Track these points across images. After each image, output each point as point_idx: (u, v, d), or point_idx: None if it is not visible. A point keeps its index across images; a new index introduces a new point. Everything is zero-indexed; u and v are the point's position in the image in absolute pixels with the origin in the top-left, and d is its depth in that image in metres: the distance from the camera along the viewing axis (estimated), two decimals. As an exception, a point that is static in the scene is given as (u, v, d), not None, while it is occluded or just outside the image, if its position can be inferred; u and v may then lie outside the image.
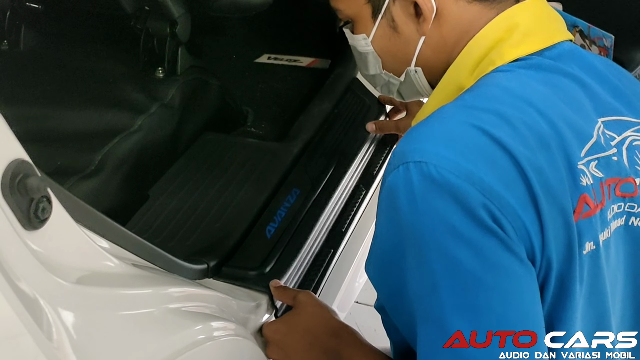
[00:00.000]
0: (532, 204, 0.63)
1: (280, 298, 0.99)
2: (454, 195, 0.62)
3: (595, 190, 0.68)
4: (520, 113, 0.67)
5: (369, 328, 1.17)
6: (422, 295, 0.65)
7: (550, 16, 0.79)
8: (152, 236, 1.08)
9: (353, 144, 1.36)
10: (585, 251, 0.67)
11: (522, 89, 0.70)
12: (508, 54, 0.74)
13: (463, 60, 0.77)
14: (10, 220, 0.53)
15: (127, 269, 0.70)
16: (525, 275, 0.63)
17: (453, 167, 0.62)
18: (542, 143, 0.66)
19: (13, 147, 0.54)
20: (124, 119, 1.25)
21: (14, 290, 0.50)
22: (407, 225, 0.65)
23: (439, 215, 0.62)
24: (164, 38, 1.37)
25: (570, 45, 0.78)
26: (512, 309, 0.63)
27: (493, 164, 0.63)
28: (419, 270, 0.65)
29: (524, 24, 0.75)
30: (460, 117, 0.67)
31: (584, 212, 0.67)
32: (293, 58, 1.76)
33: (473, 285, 0.62)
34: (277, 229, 1.12)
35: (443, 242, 0.62)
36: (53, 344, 0.52)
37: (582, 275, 0.67)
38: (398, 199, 0.65)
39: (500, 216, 0.62)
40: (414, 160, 0.64)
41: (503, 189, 0.63)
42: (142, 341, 0.66)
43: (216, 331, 0.79)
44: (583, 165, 0.68)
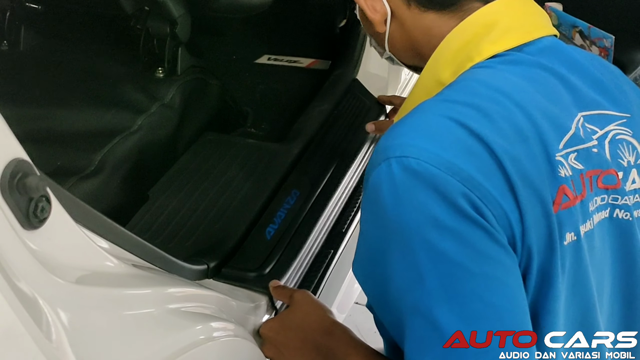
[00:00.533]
0: (510, 192, 0.64)
1: (278, 297, 0.99)
2: (435, 186, 0.63)
3: (574, 182, 0.69)
4: (498, 106, 0.68)
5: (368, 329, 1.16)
6: (409, 289, 0.65)
7: (531, 12, 0.80)
8: (152, 237, 1.08)
9: (353, 145, 1.36)
10: (566, 242, 0.68)
11: (500, 83, 0.71)
12: (486, 50, 0.75)
13: (439, 55, 0.79)
14: (9, 220, 0.52)
15: (126, 269, 0.70)
16: (509, 262, 0.64)
17: (433, 158, 0.64)
18: (520, 135, 0.67)
19: (12, 146, 0.54)
20: (124, 119, 1.25)
21: (13, 290, 0.49)
22: (391, 219, 0.65)
23: (422, 207, 0.63)
24: (164, 38, 1.37)
25: (552, 41, 0.78)
26: (500, 296, 0.63)
27: (471, 155, 0.65)
28: (404, 263, 0.65)
29: (503, 21, 0.76)
30: (438, 111, 0.68)
31: (563, 203, 0.68)
32: (293, 59, 1.76)
33: (458, 274, 0.63)
34: (277, 230, 1.11)
35: (427, 234, 0.63)
36: (52, 344, 0.52)
37: (563, 265, 0.68)
38: (381, 195, 0.66)
39: (481, 205, 0.63)
40: (395, 155, 0.65)
41: (482, 178, 0.64)
42: (142, 341, 0.66)
43: (216, 331, 0.79)
44: (561, 157, 0.69)
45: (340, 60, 1.58)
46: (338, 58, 1.60)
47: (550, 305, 0.67)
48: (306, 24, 1.82)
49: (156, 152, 1.26)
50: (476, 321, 0.62)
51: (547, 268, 0.67)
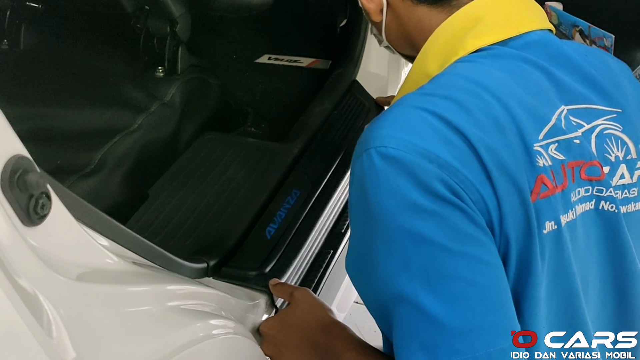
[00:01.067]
0: (487, 180, 0.66)
1: (278, 294, 0.99)
2: (412, 172, 0.64)
3: (554, 172, 0.70)
4: (475, 98, 0.70)
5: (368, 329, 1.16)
6: (393, 276, 0.66)
7: (521, 7, 0.80)
8: (151, 235, 1.08)
9: (353, 145, 1.35)
10: (545, 230, 0.68)
11: (479, 75, 0.72)
12: (470, 45, 0.77)
13: (428, 48, 0.81)
14: (9, 216, 0.52)
15: (126, 267, 0.70)
16: (489, 241, 0.65)
17: (410, 147, 0.65)
18: (497, 126, 0.68)
19: (12, 143, 0.54)
20: (124, 117, 1.25)
21: (13, 286, 0.49)
22: (373, 206, 0.67)
23: (400, 192, 0.65)
24: (164, 37, 1.37)
25: (541, 35, 0.79)
26: (482, 275, 0.64)
27: (448, 144, 0.66)
28: (388, 251, 0.66)
29: (489, 16, 0.77)
30: (416, 104, 0.70)
31: (542, 192, 0.68)
32: (293, 58, 1.76)
33: (439, 255, 0.64)
34: (277, 229, 1.12)
35: (406, 218, 0.64)
36: (53, 341, 0.52)
37: (543, 253, 0.68)
38: (364, 184, 0.67)
39: (459, 189, 0.64)
40: (374, 145, 0.67)
41: (459, 165, 0.65)
42: (142, 338, 0.66)
43: (215, 329, 0.79)
44: (540, 147, 0.70)
45: (340, 60, 1.58)
46: (338, 58, 1.60)
47: (530, 292, 0.68)
48: (307, 24, 1.82)
49: (156, 151, 1.26)
50: (459, 301, 0.63)
51: (526, 255, 0.67)
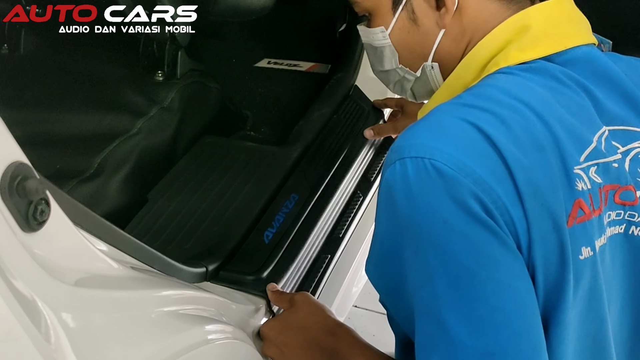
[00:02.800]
0: (519, 202, 0.64)
1: (277, 302, 0.99)
2: (446, 187, 0.63)
3: (592, 196, 0.68)
4: (516, 114, 0.68)
5: (367, 333, 1.17)
6: (419, 289, 0.66)
7: (569, 19, 0.78)
8: (150, 239, 1.09)
9: (352, 150, 1.36)
10: (582, 256, 0.67)
11: (521, 91, 0.70)
12: (513, 57, 0.75)
13: (471, 60, 0.78)
14: (8, 223, 0.53)
15: (125, 272, 0.70)
16: (518, 266, 0.64)
17: (446, 159, 0.64)
18: (537, 145, 0.67)
19: (12, 149, 0.54)
20: (124, 122, 1.25)
21: (12, 292, 0.50)
22: (404, 218, 0.66)
23: (432, 208, 0.64)
24: (164, 42, 1.37)
25: (586, 51, 0.76)
26: (507, 300, 0.63)
27: (484, 159, 0.65)
28: (415, 263, 0.66)
29: (536, 27, 0.75)
30: (455, 113, 0.68)
31: (578, 217, 0.67)
32: (293, 62, 1.76)
33: (466, 278, 0.63)
34: (275, 234, 1.12)
35: (437, 235, 0.64)
36: (51, 346, 0.52)
37: (578, 279, 0.67)
38: (395, 194, 0.66)
39: (492, 208, 0.63)
40: (410, 155, 0.65)
41: (494, 182, 0.64)
42: (140, 343, 0.66)
43: (214, 334, 0.79)
44: (581, 170, 0.68)
45: (340, 64, 1.58)
46: (338, 62, 1.60)
47: (559, 317, 0.67)
48: (306, 28, 1.83)
49: (155, 155, 1.27)
50: (483, 325, 0.62)
51: (557, 281, 0.66)
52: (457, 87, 0.79)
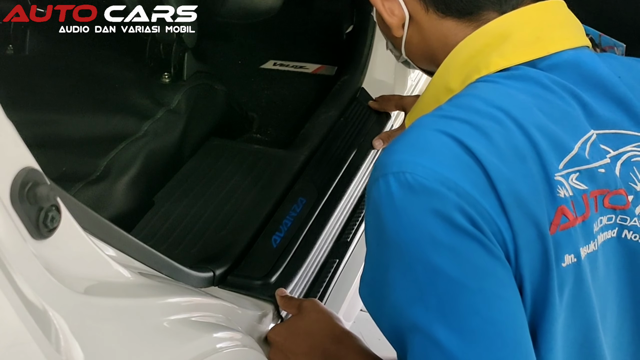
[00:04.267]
0: (502, 212, 0.64)
1: (285, 308, 0.98)
2: (430, 201, 0.63)
3: (575, 203, 0.68)
4: (496, 124, 0.67)
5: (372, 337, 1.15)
6: (408, 305, 0.65)
7: (554, 22, 0.77)
8: (157, 243, 1.08)
9: (358, 153, 1.36)
10: (564, 264, 0.67)
11: (501, 99, 0.70)
12: (494, 64, 0.74)
13: (450, 62, 0.78)
14: (19, 229, 0.52)
15: (134, 278, 0.69)
16: (506, 275, 0.64)
17: (428, 173, 0.64)
18: (518, 155, 0.66)
19: (23, 155, 0.54)
20: (130, 124, 1.25)
21: (22, 301, 0.49)
22: (390, 234, 0.65)
23: (418, 223, 0.63)
24: (171, 43, 1.36)
25: (573, 54, 0.75)
26: (499, 312, 0.63)
27: (466, 172, 0.64)
28: (404, 280, 0.65)
29: (517, 34, 0.74)
30: (435, 126, 0.68)
31: (562, 224, 0.67)
32: (299, 64, 1.76)
33: (456, 291, 0.63)
34: (283, 238, 1.11)
35: (423, 250, 0.63)
36: (61, 356, 0.52)
37: (561, 287, 0.67)
38: (380, 210, 0.66)
39: (478, 219, 0.63)
40: (392, 171, 0.65)
41: (478, 194, 0.63)
42: (151, 353, 0.65)
43: (223, 342, 0.78)
44: (561, 177, 0.68)
45: (346, 67, 1.57)
46: (345, 64, 1.59)
47: (546, 326, 0.66)
48: (312, 30, 1.82)
49: (162, 158, 1.26)
50: (476, 337, 0.62)
51: (543, 289, 0.66)
52: (440, 91, 0.80)
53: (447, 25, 0.79)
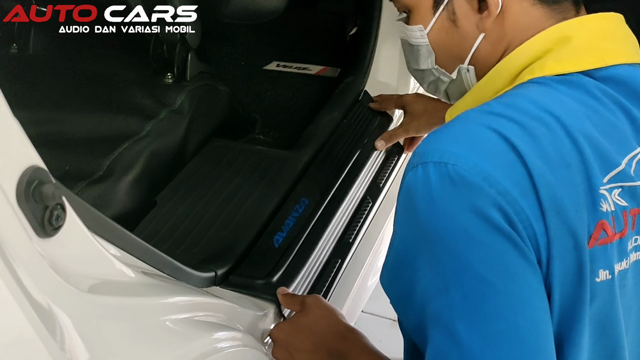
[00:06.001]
0: (541, 217, 0.63)
1: (288, 305, 0.98)
2: (469, 195, 0.62)
3: (615, 218, 0.67)
4: (545, 127, 0.66)
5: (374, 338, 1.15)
6: (433, 297, 0.65)
7: (613, 35, 0.76)
8: (159, 243, 1.08)
9: (361, 155, 1.36)
10: (599, 279, 0.66)
11: (551, 103, 0.68)
12: (549, 68, 0.72)
13: (505, 66, 0.76)
14: (24, 228, 0.52)
15: (137, 278, 0.70)
16: (536, 281, 0.63)
17: (470, 166, 0.63)
18: (563, 161, 0.65)
19: (29, 153, 0.54)
20: (133, 124, 1.25)
21: (27, 298, 0.49)
22: (423, 224, 0.65)
23: (454, 216, 0.62)
24: (174, 44, 1.37)
25: (629, 69, 0.73)
26: (524, 317, 0.62)
27: (509, 170, 0.63)
28: (431, 270, 0.65)
29: (577, 40, 0.73)
30: (482, 121, 0.67)
31: (600, 239, 0.66)
32: (302, 66, 1.76)
33: (483, 290, 0.62)
34: (285, 238, 1.11)
35: (456, 244, 0.62)
36: (65, 354, 0.52)
37: (593, 301, 0.66)
38: (415, 198, 0.65)
39: (515, 219, 0.62)
40: (433, 160, 0.64)
41: (518, 194, 0.62)
42: (154, 352, 0.65)
43: (225, 342, 0.78)
44: (605, 190, 0.67)
45: (350, 68, 1.57)
46: (348, 66, 1.60)
47: (574, 339, 0.66)
48: (316, 32, 1.82)
49: (164, 158, 1.26)
50: (497, 340, 0.61)
51: (573, 300, 0.65)
52: (488, 92, 0.78)
53: (534, 15, 0.76)
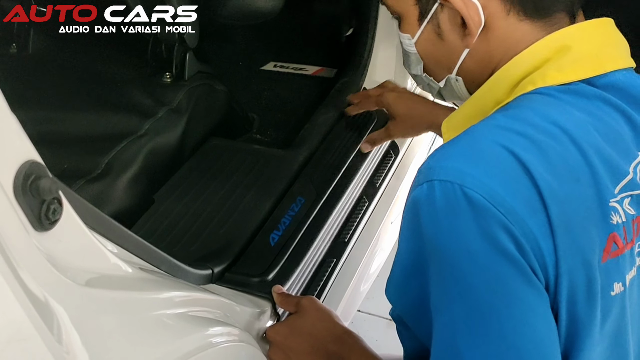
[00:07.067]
0: (550, 235, 0.62)
1: (283, 305, 0.99)
2: (475, 216, 0.61)
3: (626, 229, 0.66)
4: (553, 140, 0.65)
5: (370, 337, 1.16)
6: (438, 312, 0.65)
7: (610, 41, 0.75)
8: (156, 240, 1.09)
9: (357, 155, 1.36)
10: (614, 292, 0.65)
11: (558, 115, 0.67)
12: (551, 78, 0.71)
13: (505, 75, 0.75)
14: (22, 221, 0.53)
15: (134, 273, 0.70)
16: (541, 304, 0.62)
17: (478, 186, 0.61)
18: (572, 175, 0.64)
19: (26, 148, 0.55)
20: (131, 123, 1.26)
21: (24, 291, 0.50)
22: (429, 240, 0.64)
23: (458, 236, 0.61)
24: (173, 43, 1.37)
25: (626, 74, 0.73)
26: (526, 339, 0.61)
27: (518, 187, 0.62)
28: (437, 286, 0.65)
29: (577, 48, 0.72)
30: (490, 137, 0.65)
31: (612, 252, 0.65)
32: (299, 66, 1.77)
33: (486, 312, 0.61)
34: (281, 236, 1.12)
35: (459, 265, 0.62)
36: (62, 347, 0.53)
37: (606, 316, 0.65)
38: (421, 216, 0.64)
39: (522, 240, 0.61)
40: (439, 178, 0.63)
41: (526, 214, 0.61)
42: (149, 345, 0.66)
43: (221, 336, 0.79)
44: (616, 202, 0.66)
45: (346, 69, 1.58)
46: (344, 66, 1.61)
47: (584, 355, 0.65)
48: (312, 32, 1.83)
49: (162, 157, 1.27)
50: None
51: (583, 318, 0.64)
52: (488, 101, 0.76)
53: (522, 30, 0.74)
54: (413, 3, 0.79)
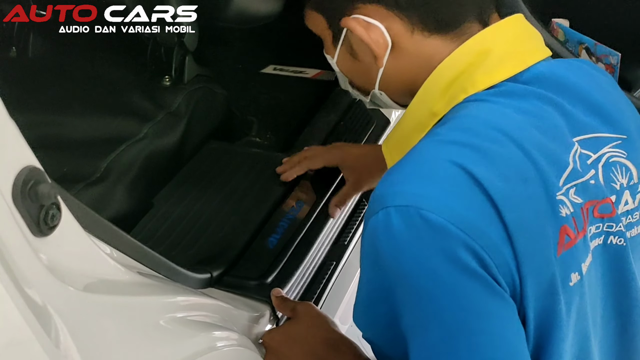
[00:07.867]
0: (508, 240, 0.63)
1: (280, 309, 0.99)
2: (435, 238, 0.61)
3: (576, 219, 0.67)
4: (497, 145, 0.66)
5: (368, 340, 1.17)
6: (412, 335, 0.65)
7: (526, 36, 0.77)
8: (155, 244, 1.09)
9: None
10: (571, 283, 0.67)
11: (498, 119, 0.68)
12: (481, 82, 0.72)
13: (432, 84, 0.75)
14: (20, 227, 0.53)
15: (132, 277, 0.70)
16: (508, 314, 0.63)
17: (434, 207, 0.61)
18: (520, 176, 0.65)
19: (25, 154, 0.55)
20: (130, 126, 1.26)
21: (22, 296, 0.50)
22: (391, 269, 0.64)
23: (421, 260, 0.62)
24: (172, 47, 1.38)
25: (546, 65, 0.75)
26: (499, 350, 0.62)
27: (472, 201, 0.63)
28: (408, 311, 0.65)
29: (498, 49, 0.73)
30: (436, 154, 0.66)
31: (565, 244, 0.66)
32: (298, 69, 1.76)
33: (457, 330, 0.62)
34: (280, 240, 1.12)
35: (426, 288, 0.62)
36: (60, 352, 0.53)
37: (569, 307, 0.67)
38: (380, 246, 0.64)
39: (484, 254, 0.62)
40: (394, 204, 0.62)
41: (484, 225, 0.62)
42: (148, 350, 0.66)
43: (219, 341, 0.79)
44: (562, 195, 0.67)
45: (345, 72, 1.58)
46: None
47: (555, 348, 0.66)
48: (312, 35, 1.83)
49: (161, 160, 1.27)
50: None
51: (549, 313, 0.65)
52: (422, 113, 0.76)
53: (432, 45, 0.75)
54: (326, 27, 0.83)
